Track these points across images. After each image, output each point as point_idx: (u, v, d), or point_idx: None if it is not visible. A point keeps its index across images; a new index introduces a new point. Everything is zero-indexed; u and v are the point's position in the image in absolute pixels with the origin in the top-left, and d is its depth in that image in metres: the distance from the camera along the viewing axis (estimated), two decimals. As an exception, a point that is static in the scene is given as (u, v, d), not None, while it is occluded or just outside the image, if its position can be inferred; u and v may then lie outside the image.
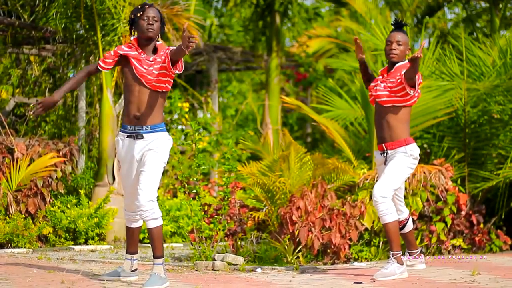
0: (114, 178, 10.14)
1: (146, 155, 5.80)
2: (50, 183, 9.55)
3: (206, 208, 8.28)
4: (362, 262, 7.91)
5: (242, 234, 8.31)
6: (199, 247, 7.49)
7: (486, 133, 9.58)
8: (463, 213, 8.78)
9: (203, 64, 15.57)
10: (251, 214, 8.33)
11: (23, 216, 8.99)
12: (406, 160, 6.40)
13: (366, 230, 8.15)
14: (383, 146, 6.47)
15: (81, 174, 10.39)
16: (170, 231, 10.26)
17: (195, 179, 7.74)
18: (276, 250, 7.69)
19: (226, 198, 7.55)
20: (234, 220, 8.39)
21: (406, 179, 6.94)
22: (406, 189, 8.16)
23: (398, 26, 6.56)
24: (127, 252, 6.22)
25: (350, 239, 7.85)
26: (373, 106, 6.73)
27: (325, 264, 7.72)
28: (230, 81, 19.48)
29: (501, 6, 13.53)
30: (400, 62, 6.47)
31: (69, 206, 9.45)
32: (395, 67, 6.47)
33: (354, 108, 10.30)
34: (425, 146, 9.97)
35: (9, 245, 8.69)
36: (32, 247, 8.71)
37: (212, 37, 18.90)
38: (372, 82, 6.61)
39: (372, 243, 8.21)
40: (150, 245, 6.70)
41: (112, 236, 9.82)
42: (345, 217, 7.85)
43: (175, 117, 13.28)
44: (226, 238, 8.20)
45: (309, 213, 7.75)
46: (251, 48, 17.40)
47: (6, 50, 11.55)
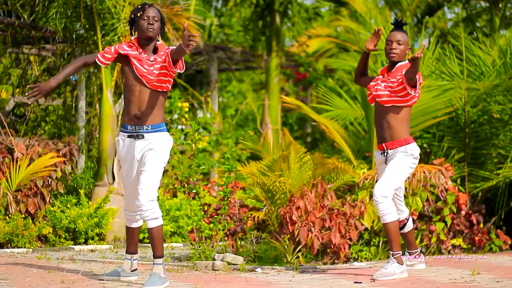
0: (114, 178, 10.14)
1: (146, 155, 5.80)
2: (50, 183, 9.55)
3: (206, 208, 8.27)
4: (362, 262, 7.91)
5: (242, 234, 8.30)
6: (199, 247, 7.48)
7: (486, 132, 9.58)
8: (463, 212, 8.78)
9: (203, 64, 15.55)
10: (251, 214, 8.32)
11: (23, 216, 8.99)
12: (406, 159, 6.40)
13: (366, 230, 8.14)
14: (383, 145, 6.46)
15: (81, 174, 10.38)
16: (170, 231, 10.26)
17: (195, 179, 7.75)
18: (276, 250, 7.68)
19: (226, 198, 7.55)
20: (234, 220, 8.38)
21: (406, 179, 6.93)
22: (406, 188, 8.15)
23: (398, 25, 6.55)
24: (127, 252, 6.22)
25: (350, 239, 7.85)
26: (373, 106, 6.72)
27: (325, 264, 7.71)
28: (230, 81, 19.46)
29: (501, 5, 13.52)
30: (400, 62, 6.47)
31: (69, 206, 9.45)
32: (396, 67, 6.47)
33: (354, 108, 10.30)
34: (425, 145, 9.96)
35: (9, 245, 8.68)
36: (32, 247, 8.70)
37: (212, 37, 18.89)
38: (372, 81, 6.59)
39: (372, 243, 8.21)
40: (150, 245, 6.70)
41: (112, 236, 9.82)
42: (345, 217, 7.84)
43: (175, 117, 13.27)
44: (226, 238, 8.19)
45: (309, 213, 7.75)
46: (251, 48, 17.39)
47: (6, 50, 11.54)
